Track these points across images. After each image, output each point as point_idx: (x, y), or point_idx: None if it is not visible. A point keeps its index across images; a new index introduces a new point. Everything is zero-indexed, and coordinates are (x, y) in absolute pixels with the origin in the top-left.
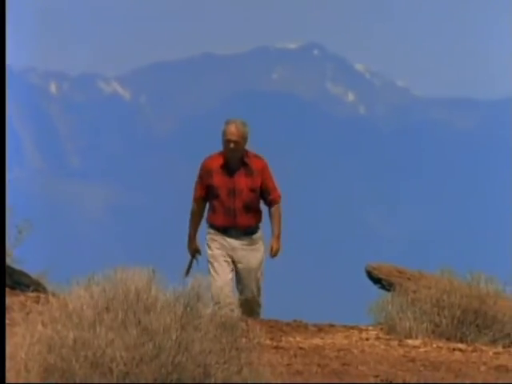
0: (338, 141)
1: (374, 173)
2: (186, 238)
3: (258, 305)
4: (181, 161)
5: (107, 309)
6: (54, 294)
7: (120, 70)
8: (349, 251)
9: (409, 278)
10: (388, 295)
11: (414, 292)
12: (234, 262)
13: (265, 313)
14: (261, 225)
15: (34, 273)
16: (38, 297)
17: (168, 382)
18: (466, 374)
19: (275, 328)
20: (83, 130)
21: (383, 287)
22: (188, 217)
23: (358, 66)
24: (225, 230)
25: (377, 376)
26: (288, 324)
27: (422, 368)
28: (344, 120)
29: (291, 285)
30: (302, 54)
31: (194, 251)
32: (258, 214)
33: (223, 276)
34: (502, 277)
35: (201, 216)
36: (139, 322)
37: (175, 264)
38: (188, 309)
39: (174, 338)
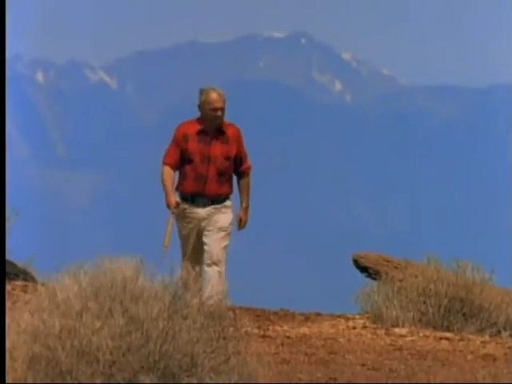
0: (324, 129)
1: (361, 161)
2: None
3: (219, 271)
4: None
5: (94, 297)
6: (42, 284)
7: (106, 59)
8: (336, 240)
9: (395, 267)
10: (375, 284)
11: (401, 281)
12: (200, 229)
13: (252, 302)
14: (231, 196)
15: (20, 262)
16: (26, 286)
17: (155, 370)
18: (452, 363)
19: (262, 317)
20: (70, 118)
21: (370, 276)
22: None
23: (345, 55)
24: (193, 199)
25: (363, 365)
26: (275, 313)
27: (408, 357)
28: (331, 108)
29: (278, 274)
30: (289, 42)
31: (176, 204)
32: (229, 183)
33: (191, 256)
34: (489, 265)
35: (173, 178)
36: (126, 310)
37: (163, 253)
38: (176, 298)
39: (161, 327)
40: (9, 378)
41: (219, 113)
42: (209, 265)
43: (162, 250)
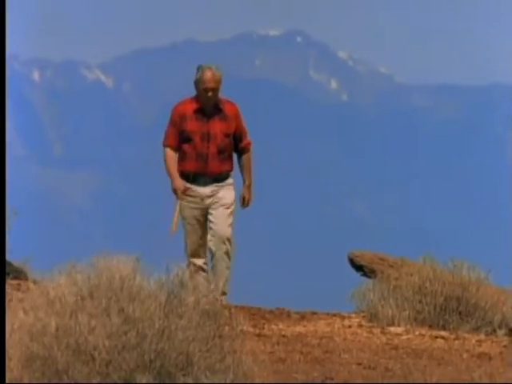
0: (320, 128)
1: (357, 160)
2: (169, 223)
3: (227, 253)
4: None
5: (90, 296)
6: (34, 282)
7: (102, 58)
8: (331, 238)
9: (391, 266)
10: (370, 282)
11: (396, 279)
12: (204, 207)
13: (247, 300)
14: (232, 174)
15: (16, 261)
16: (19, 284)
17: (151, 369)
18: (448, 362)
19: (258, 316)
20: (66, 117)
21: (365, 274)
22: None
23: (341, 54)
24: (194, 178)
25: (359, 364)
26: (271, 312)
27: (404, 356)
28: (327, 107)
29: (274, 272)
30: (284, 40)
31: (184, 188)
32: (229, 161)
33: (195, 241)
34: (485, 264)
35: (176, 160)
36: (122, 309)
37: (159, 252)
38: (172, 297)
39: (156, 326)
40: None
41: (210, 93)
42: (216, 244)
43: (169, 236)
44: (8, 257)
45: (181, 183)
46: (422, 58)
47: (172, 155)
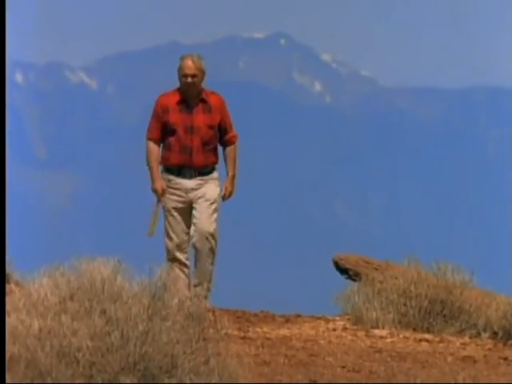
0: (304, 130)
1: (341, 162)
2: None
3: (212, 249)
4: None
5: (71, 298)
6: (17, 284)
7: (86, 60)
8: (316, 241)
9: (376, 269)
10: (355, 285)
11: (381, 282)
12: (188, 201)
13: (232, 303)
14: (217, 166)
15: None
16: None
17: (135, 371)
18: (432, 365)
19: (242, 318)
20: (50, 119)
21: (350, 277)
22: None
23: (325, 56)
24: (179, 171)
25: (344, 367)
26: (255, 314)
27: (388, 359)
28: (310, 109)
29: (258, 275)
30: (268, 43)
31: (162, 190)
32: (214, 153)
33: (179, 234)
34: (469, 267)
35: (158, 155)
36: (104, 311)
37: (141, 254)
38: (155, 299)
39: (140, 328)
40: None
41: (189, 79)
42: (199, 240)
43: (147, 236)
44: None
45: (160, 185)
46: (404, 60)
47: (154, 149)
